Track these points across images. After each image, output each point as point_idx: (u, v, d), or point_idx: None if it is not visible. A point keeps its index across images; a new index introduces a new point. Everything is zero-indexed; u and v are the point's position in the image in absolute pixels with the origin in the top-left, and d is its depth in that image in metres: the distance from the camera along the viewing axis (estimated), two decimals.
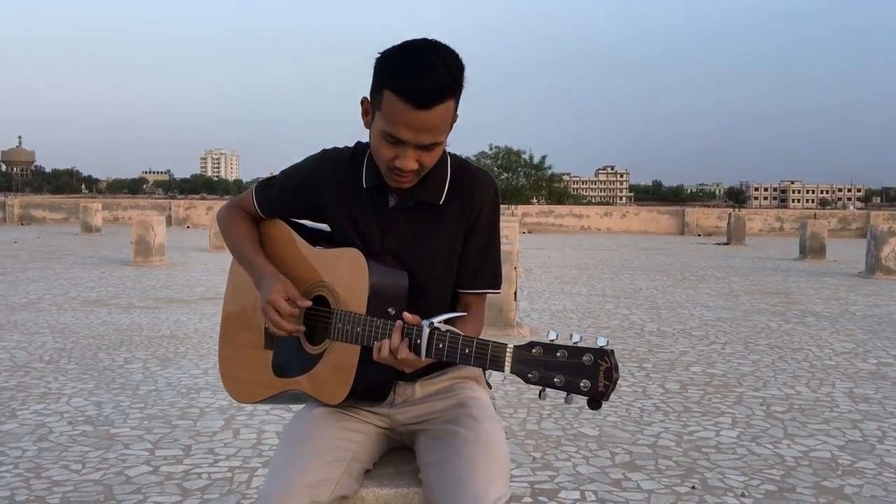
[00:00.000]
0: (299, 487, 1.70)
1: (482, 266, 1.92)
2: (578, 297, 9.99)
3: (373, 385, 1.83)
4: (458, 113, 1.81)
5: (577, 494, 3.32)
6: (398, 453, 2.00)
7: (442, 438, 1.82)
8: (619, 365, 1.48)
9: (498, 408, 2.07)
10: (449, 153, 1.93)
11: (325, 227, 2.03)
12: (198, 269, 12.97)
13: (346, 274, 1.84)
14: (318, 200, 1.97)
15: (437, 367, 1.94)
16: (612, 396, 4.94)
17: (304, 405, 1.99)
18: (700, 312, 8.69)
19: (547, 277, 12.35)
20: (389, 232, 1.90)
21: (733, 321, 8.08)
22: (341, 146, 2.00)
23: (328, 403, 1.85)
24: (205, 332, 7.01)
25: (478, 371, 2.02)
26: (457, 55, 1.73)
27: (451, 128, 1.80)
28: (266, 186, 2.05)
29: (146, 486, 3.32)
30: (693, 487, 3.41)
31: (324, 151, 2.00)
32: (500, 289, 1.97)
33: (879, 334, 7.41)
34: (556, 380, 1.48)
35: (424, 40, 1.73)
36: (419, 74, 1.65)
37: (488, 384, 2.07)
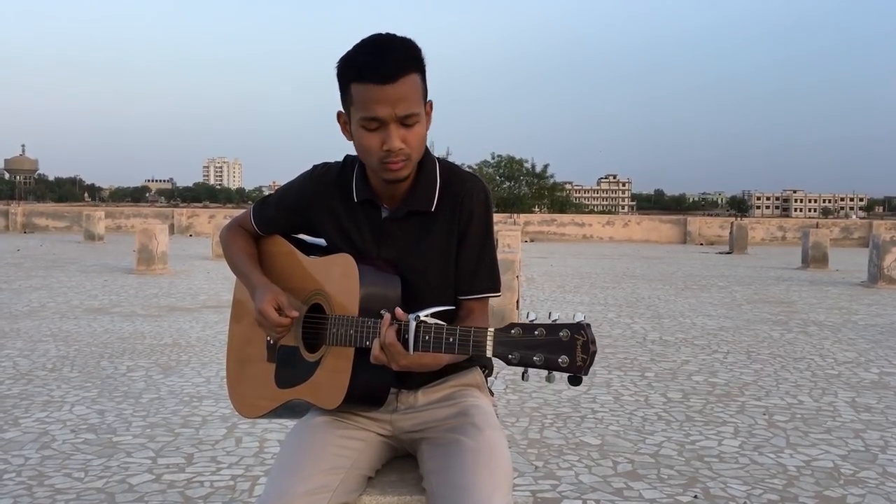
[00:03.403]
0: (298, 495, 1.70)
1: (479, 271, 1.93)
2: (581, 305, 9.99)
3: (370, 388, 1.84)
4: (430, 100, 1.85)
5: (579, 503, 3.32)
6: (401, 461, 2.00)
7: (445, 446, 1.82)
8: (597, 339, 1.49)
9: (500, 416, 2.08)
10: (438, 159, 1.95)
11: (322, 241, 2.06)
12: (200, 277, 12.98)
13: (339, 279, 1.86)
14: (312, 217, 2.01)
15: (438, 374, 1.95)
16: (615, 405, 4.97)
17: (307, 414, 2.00)
18: (702, 321, 8.68)
19: (549, 286, 12.35)
20: (385, 242, 1.92)
21: (735, 330, 8.08)
22: (331, 161, 2.03)
23: (327, 408, 1.86)
24: (207, 341, 7.02)
25: (480, 379, 2.04)
26: (410, 39, 1.80)
27: (426, 107, 1.82)
28: (262, 206, 2.11)
29: (148, 494, 3.33)
30: (695, 497, 3.41)
31: (314, 168, 2.03)
32: (499, 292, 1.98)
33: (882, 344, 7.40)
34: (535, 358, 1.49)
35: (375, 33, 1.81)
36: (376, 56, 1.74)
37: (490, 392, 2.08)
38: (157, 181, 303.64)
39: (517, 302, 7.40)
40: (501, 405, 4.80)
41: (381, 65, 1.72)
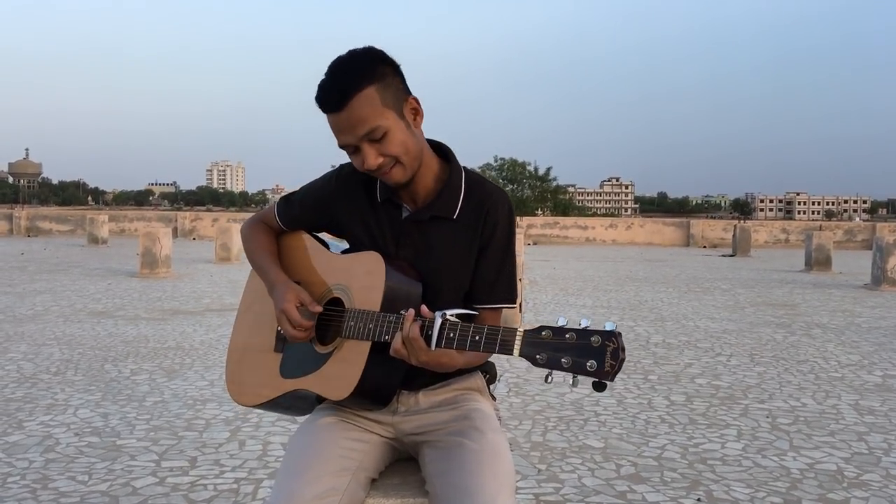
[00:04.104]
0: (307, 498, 1.71)
1: (498, 281, 1.95)
2: (583, 308, 9.99)
3: (379, 385, 1.86)
4: (412, 97, 1.86)
5: None
6: (404, 464, 2.01)
7: (447, 450, 1.83)
8: (627, 347, 1.50)
9: (503, 420, 2.09)
10: (465, 168, 1.99)
11: (344, 244, 2.09)
12: (204, 280, 13.00)
13: (363, 276, 1.89)
14: (335, 215, 2.04)
15: (441, 377, 1.97)
16: (618, 408, 4.96)
17: (308, 416, 2.01)
18: (705, 324, 8.68)
19: (552, 289, 12.35)
20: (403, 242, 1.95)
21: (739, 333, 8.07)
22: None
23: (333, 399, 1.87)
24: (211, 344, 7.03)
25: (481, 383, 2.05)
26: (367, 50, 1.84)
27: (403, 108, 1.84)
28: (287, 203, 2.14)
29: (152, 497, 3.33)
30: (698, 500, 3.41)
31: (340, 167, 2.06)
32: (515, 304, 2.00)
33: (885, 346, 7.39)
34: (563, 361, 1.51)
35: (336, 57, 1.85)
36: (325, 87, 1.81)
37: (492, 396, 2.09)
38: (160, 185, 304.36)
39: (520, 305, 7.41)
40: (504, 408, 4.80)
41: (328, 95, 1.80)
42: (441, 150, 1.99)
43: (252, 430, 4.32)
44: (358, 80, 1.77)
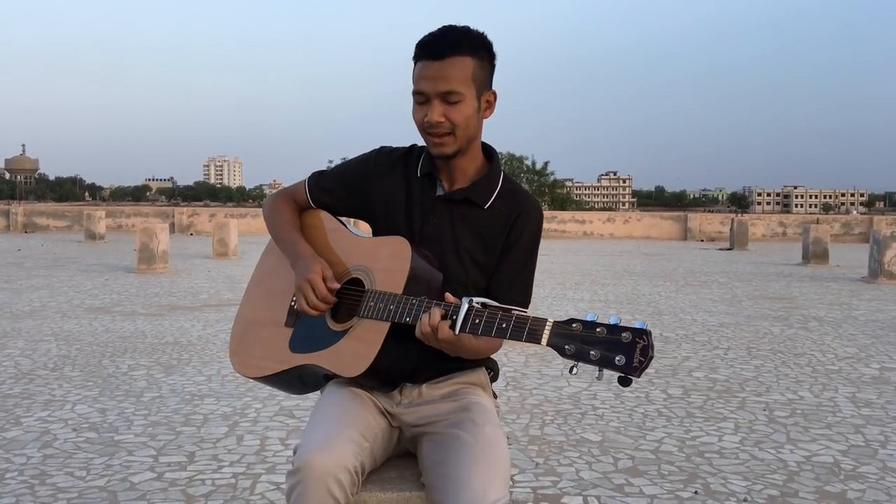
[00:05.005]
0: (342, 439, 1.76)
1: (516, 284, 1.98)
2: (581, 302, 10.00)
3: (392, 367, 1.88)
4: (493, 90, 1.98)
5: (579, 500, 3.32)
6: (402, 459, 2.04)
7: (444, 442, 1.85)
8: (655, 344, 1.50)
9: (501, 414, 2.10)
10: (504, 173, 2.05)
11: (363, 230, 2.12)
12: (201, 276, 12.99)
13: (388, 259, 1.91)
14: (368, 189, 2.07)
15: (443, 371, 2.00)
16: (615, 402, 4.97)
17: (332, 384, 2.01)
18: (703, 318, 8.69)
19: (550, 283, 12.35)
20: (430, 220, 1.98)
21: (736, 326, 8.08)
22: (397, 146, 2.14)
23: (345, 376, 1.89)
24: (208, 339, 7.03)
25: (484, 379, 2.07)
26: (481, 33, 1.95)
27: (484, 94, 1.94)
28: (321, 177, 2.16)
29: (150, 492, 3.34)
30: (696, 493, 3.42)
31: (381, 147, 2.12)
32: (527, 311, 2.02)
33: (882, 339, 7.41)
34: (591, 353, 1.52)
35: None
36: (434, 37, 1.91)
37: (494, 394, 2.10)
38: (157, 180, 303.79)
39: None
40: (502, 402, 4.80)
41: (434, 44, 1.90)
42: (488, 151, 2.06)
43: (250, 425, 4.32)
44: (465, 46, 1.89)
